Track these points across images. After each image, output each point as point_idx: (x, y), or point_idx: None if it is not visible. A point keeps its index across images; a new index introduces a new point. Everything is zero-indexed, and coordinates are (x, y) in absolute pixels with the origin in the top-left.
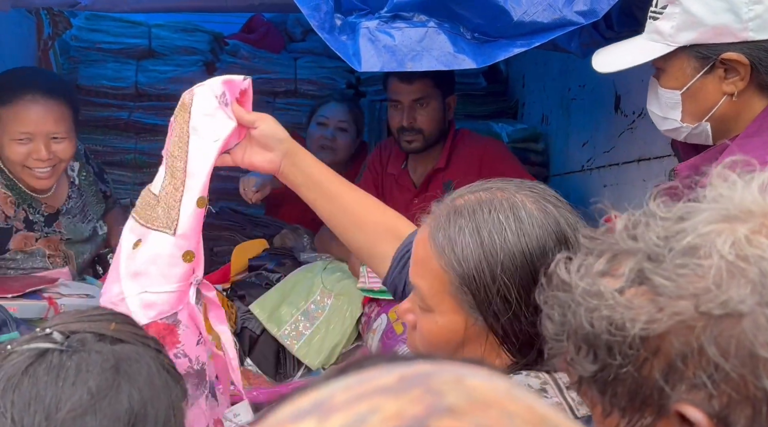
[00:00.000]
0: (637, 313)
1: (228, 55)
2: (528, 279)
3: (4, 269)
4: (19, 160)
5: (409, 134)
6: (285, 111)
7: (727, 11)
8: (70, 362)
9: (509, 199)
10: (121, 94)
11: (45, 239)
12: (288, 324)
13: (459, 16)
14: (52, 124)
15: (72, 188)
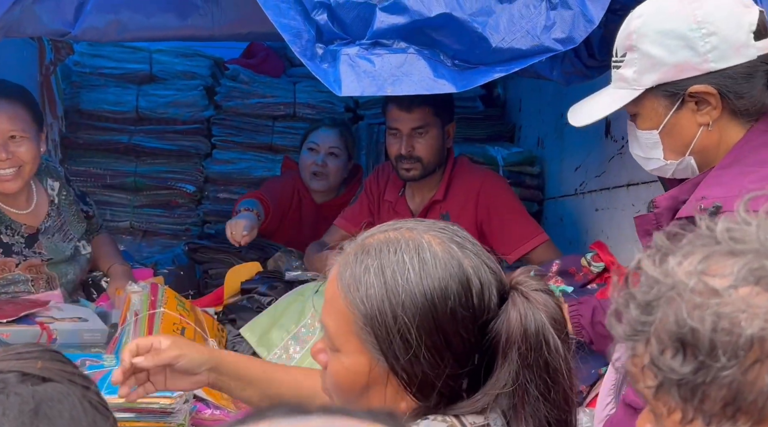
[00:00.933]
0: (755, 312)
1: (228, 79)
2: (429, 320)
3: None
4: None
5: (408, 163)
6: (284, 134)
7: (684, 48)
8: None
9: (416, 239)
10: (122, 118)
11: (26, 264)
12: (278, 348)
13: (438, 43)
14: (7, 122)
15: (51, 207)
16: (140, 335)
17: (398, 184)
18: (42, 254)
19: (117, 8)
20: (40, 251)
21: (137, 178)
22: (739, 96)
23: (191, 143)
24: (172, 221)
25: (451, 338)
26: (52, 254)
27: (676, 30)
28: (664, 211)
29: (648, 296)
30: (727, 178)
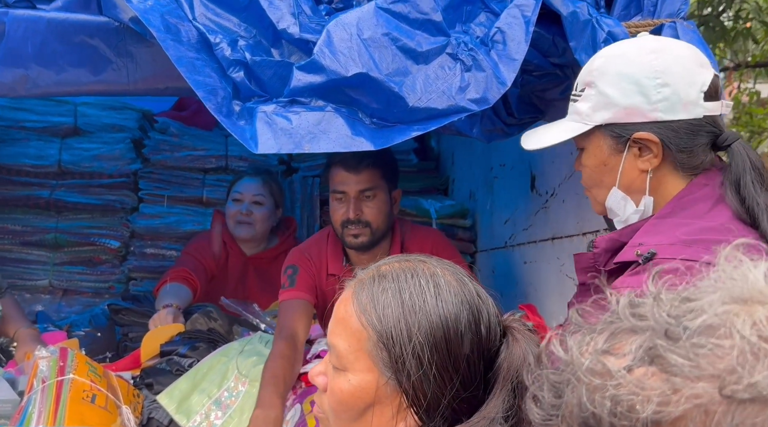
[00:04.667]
0: (649, 394)
1: (157, 132)
2: (441, 342)
3: None
4: None
5: (356, 227)
6: (215, 187)
7: (637, 93)
8: None
9: (430, 269)
10: (43, 172)
11: None
12: (198, 414)
13: (356, 102)
14: None
15: None
16: (47, 403)
17: (339, 256)
18: None
19: (25, 63)
20: None
21: (58, 234)
22: (680, 149)
23: (117, 197)
24: (94, 279)
25: (460, 361)
26: None
27: (633, 75)
28: (602, 252)
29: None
30: (663, 228)
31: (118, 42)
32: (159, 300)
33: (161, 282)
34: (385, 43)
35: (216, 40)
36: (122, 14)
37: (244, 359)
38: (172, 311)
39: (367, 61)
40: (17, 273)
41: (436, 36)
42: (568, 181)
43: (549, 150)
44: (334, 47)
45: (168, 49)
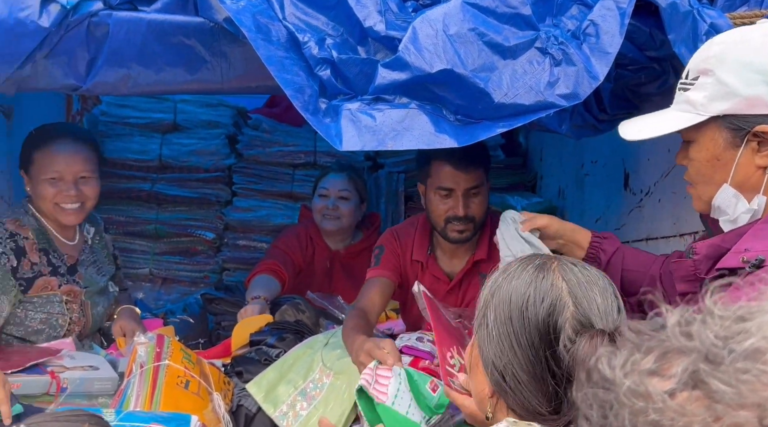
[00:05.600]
0: (690, 420)
1: (250, 128)
2: (506, 312)
3: (24, 310)
4: (50, 197)
5: (461, 224)
6: (303, 182)
7: (762, 83)
8: None
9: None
10: (145, 166)
11: (67, 287)
12: (285, 404)
13: (440, 99)
14: (81, 163)
15: (85, 245)
16: (145, 387)
17: (424, 245)
18: (79, 283)
19: (127, 63)
20: (78, 281)
21: (158, 225)
22: None
23: (212, 191)
24: (191, 268)
25: (520, 337)
26: (87, 284)
27: (757, 64)
28: (703, 259)
29: (604, 396)
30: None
31: (212, 42)
32: (249, 291)
33: (252, 273)
34: (472, 38)
35: (304, 38)
36: (217, 15)
37: (328, 352)
38: (259, 303)
39: (453, 57)
40: (122, 262)
41: (524, 30)
42: (665, 180)
43: (645, 147)
44: (419, 44)
45: (258, 48)
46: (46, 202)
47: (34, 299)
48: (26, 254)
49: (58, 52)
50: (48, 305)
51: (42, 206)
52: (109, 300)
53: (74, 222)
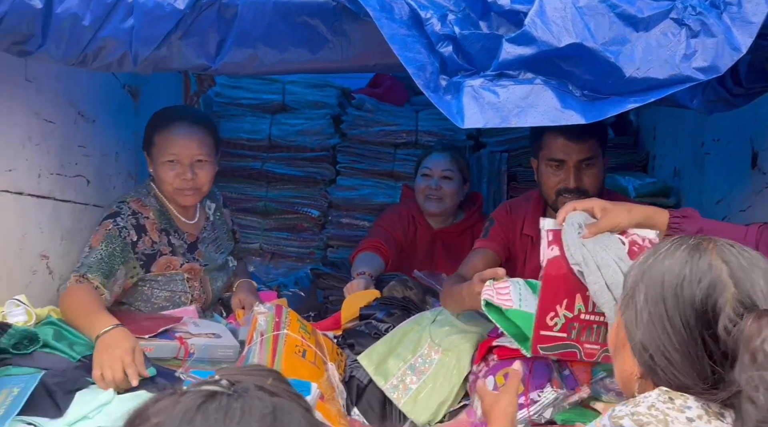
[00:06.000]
0: None
1: (354, 108)
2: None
3: (150, 287)
4: (169, 180)
5: (573, 196)
6: (405, 161)
7: None
8: (236, 404)
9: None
10: (256, 145)
11: (188, 266)
12: (394, 377)
13: (567, 74)
14: (196, 147)
15: (207, 222)
16: (265, 354)
17: (537, 219)
18: (199, 261)
19: (254, 43)
20: (198, 258)
21: (267, 202)
22: None
23: (317, 170)
24: (297, 244)
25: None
26: (207, 261)
27: None
28: None
29: None
30: None
31: (334, 21)
32: (354, 267)
33: (357, 250)
34: (602, 10)
35: (426, 15)
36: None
37: (436, 329)
38: (365, 279)
39: (582, 30)
40: None
41: (659, 0)
42: None
43: None
44: (546, 17)
45: (382, 27)
46: (165, 184)
47: (159, 278)
48: (147, 231)
49: (190, 34)
50: (171, 284)
51: (162, 188)
52: (228, 275)
53: (191, 203)
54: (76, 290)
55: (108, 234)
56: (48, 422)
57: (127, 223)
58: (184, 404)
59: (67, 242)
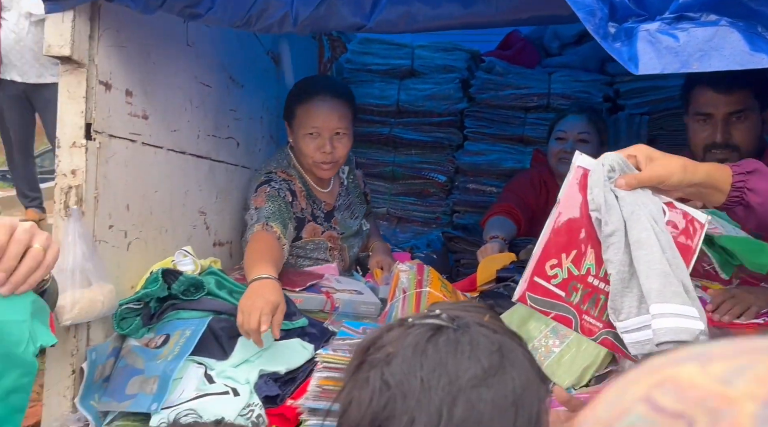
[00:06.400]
0: None
1: (483, 71)
2: None
3: (295, 257)
4: (309, 153)
5: (722, 152)
6: (535, 126)
7: None
8: (463, 338)
9: None
10: (384, 111)
11: (328, 234)
12: (536, 340)
13: (757, 14)
14: (336, 120)
15: (341, 188)
16: (408, 310)
17: None
18: (336, 229)
19: (408, 0)
20: (335, 226)
21: (395, 167)
22: None
23: (445, 135)
24: (424, 209)
25: None
26: (343, 229)
27: None
28: None
29: None
30: None
31: None
32: (486, 231)
33: (488, 215)
34: None
35: None
36: None
37: None
38: (498, 242)
39: None
40: None
41: None
42: None
43: None
44: None
45: None
46: (304, 157)
47: (308, 245)
48: (297, 197)
49: None
50: (315, 252)
51: (300, 159)
52: (363, 240)
53: (328, 176)
54: (259, 237)
55: (269, 195)
56: (215, 363)
57: (281, 186)
58: (415, 336)
59: (221, 200)
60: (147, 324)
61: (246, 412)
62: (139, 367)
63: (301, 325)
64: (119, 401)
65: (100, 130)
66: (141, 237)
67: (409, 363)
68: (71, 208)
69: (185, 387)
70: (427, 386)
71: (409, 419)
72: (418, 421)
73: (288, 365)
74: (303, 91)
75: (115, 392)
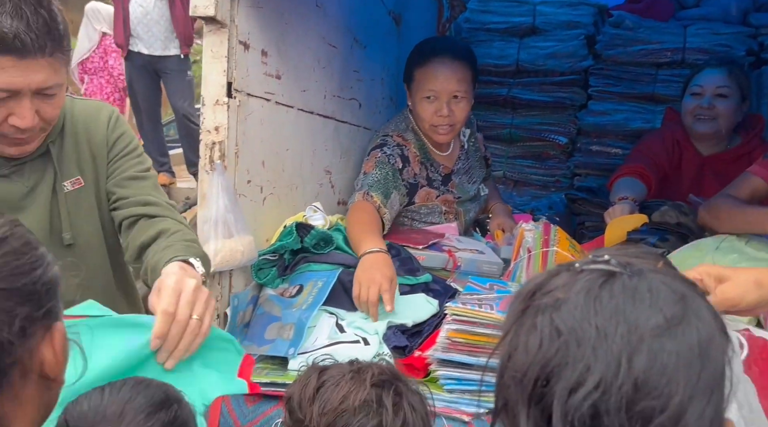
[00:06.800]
0: None
1: (611, 26)
2: None
3: (410, 219)
4: (426, 117)
5: None
6: (668, 83)
7: None
8: (641, 286)
9: None
10: (502, 71)
11: (442, 197)
12: None
13: None
14: (455, 83)
15: (462, 151)
16: (534, 270)
17: None
18: (453, 192)
19: None
20: (452, 190)
21: (513, 129)
22: None
23: (567, 94)
24: (542, 172)
25: None
26: (460, 193)
27: None
28: None
29: None
30: None
31: None
32: (614, 193)
33: (616, 175)
34: None
35: None
36: None
37: (721, 256)
38: (628, 204)
39: None
40: None
41: None
42: None
43: None
44: None
45: None
46: (422, 121)
47: (422, 209)
48: (410, 162)
49: None
50: (430, 216)
51: (418, 122)
52: (480, 205)
53: (445, 141)
54: (361, 206)
55: (378, 161)
56: (345, 313)
57: (393, 152)
58: (586, 282)
59: (345, 159)
60: (281, 275)
61: (376, 361)
62: (276, 314)
63: (425, 280)
64: (259, 346)
65: (240, 89)
66: (275, 193)
67: (581, 309)
68: (215, 163)
69: (318, 335)
70: (603, 333)
71: (584, 367)
72: (594, 370)
73: (414, 318)
74: (421, 54)
75: (255, 336)
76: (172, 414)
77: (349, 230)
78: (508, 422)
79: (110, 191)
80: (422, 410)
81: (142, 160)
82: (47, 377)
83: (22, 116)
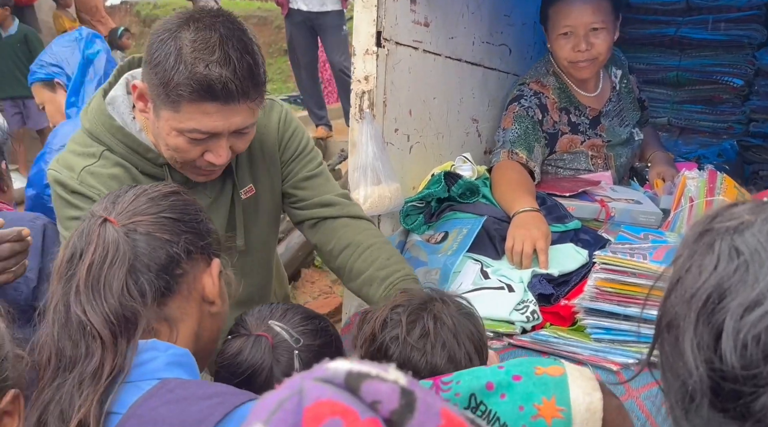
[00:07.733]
0: None
1: None
2: None
3: (554, 167)
4: (564, 55)
5: None
6: None
7: None
8: None
9: None
10: (671, 9)
11: (589, 142)
12: None
13: None
14: (590, 14)
15: (613, 92)
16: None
17: None
18: (602, 136)
19: None
20: (600, 133)
21: (680, 72)
22: None
23: (744, 32)
24: (713, 118)
25: None
26: (610, 137)
27: None
28: None
29: None
30: None
31: None
32: None
33: None
34: None
35: None
36: None
37: None
38: None
39: None
40: None
41: None
42: None
43: None
44: None
45: None
46: (561, 59)
47: (565, 156)
48: (548, 111)
49: None
50: (575, 162)
51: (558, 63)
52: (634, 150)
53: (587, 76)
54: (507, 165)
55: (516, 115)
56: (490, 261)
57: (531, 103)
58: None
59: (492, 108)
60: (428, 222)
61: (521, 307)
62: (422, 259)
63: (574, 227)
64: None
65: (388, 38)
66: (421, 141)
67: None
68: (365, 112)
69: (463, 280)
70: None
71: (765, 287)
72: None
73: (561, 268)
74: None
75: None
76: (324, 323)
77: (497, 189)
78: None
79: (288, 193)
80: (453, 328)
81: (314, 155)
82: (207, 300)
83: (218, 155)
